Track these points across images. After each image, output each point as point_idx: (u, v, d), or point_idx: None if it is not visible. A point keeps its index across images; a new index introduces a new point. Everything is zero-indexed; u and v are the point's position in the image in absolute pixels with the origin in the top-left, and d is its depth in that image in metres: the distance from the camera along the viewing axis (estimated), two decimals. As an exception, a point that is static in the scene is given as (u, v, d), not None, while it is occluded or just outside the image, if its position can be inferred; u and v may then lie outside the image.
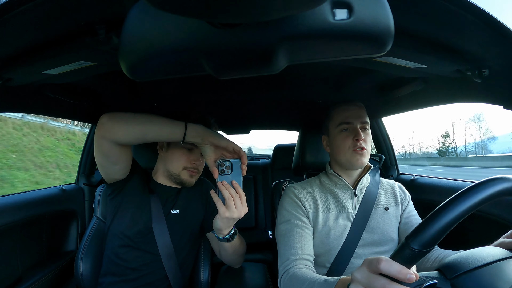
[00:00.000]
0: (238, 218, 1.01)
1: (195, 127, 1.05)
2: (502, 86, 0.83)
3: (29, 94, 1.06)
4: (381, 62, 0.84)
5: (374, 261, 0.55)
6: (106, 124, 1.04)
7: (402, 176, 1.85)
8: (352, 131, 1.13)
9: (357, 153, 1.11)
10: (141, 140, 1.07)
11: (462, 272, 0.57)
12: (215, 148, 1.04)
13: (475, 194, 0.55)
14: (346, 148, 1.13)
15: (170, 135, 1.05)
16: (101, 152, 1.11)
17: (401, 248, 0.55)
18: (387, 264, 0.53)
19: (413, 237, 0.54)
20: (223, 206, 0.98)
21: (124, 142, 1.07)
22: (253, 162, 2.99)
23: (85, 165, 1.89)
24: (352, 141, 1.12)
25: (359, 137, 1.10)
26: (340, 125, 1.15)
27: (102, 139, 1.06)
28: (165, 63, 0.50)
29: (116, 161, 1.15)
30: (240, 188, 0.99)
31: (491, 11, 0.57)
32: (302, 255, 1.02)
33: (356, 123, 1.13)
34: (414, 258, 0.53)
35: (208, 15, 0.37)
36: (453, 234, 0.58)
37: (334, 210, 1.15)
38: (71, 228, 1.68)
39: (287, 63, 0.51)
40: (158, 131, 1.05)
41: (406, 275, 0.51)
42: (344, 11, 0.43)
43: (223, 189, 0.97)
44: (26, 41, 0.68)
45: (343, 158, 1.14)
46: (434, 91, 1.13)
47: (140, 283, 1.17)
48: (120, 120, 1.04)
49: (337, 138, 1.16)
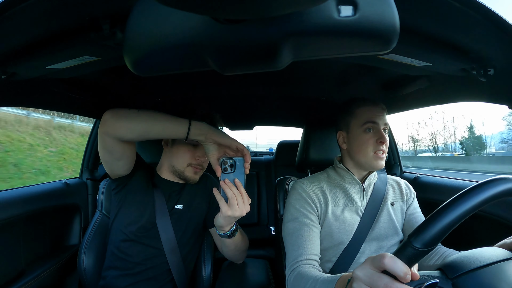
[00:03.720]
0: (239, 217, 1.00)
1: (198, 125, 1.04)
2: (507, 85, 0.82)
3: (34, 88, 1.06)
4: (386, 59, 0.84)
5: (378, 258, 0.55)
6: (109, 121, 1.04)
7: (406, 175, 1.84)
8: (376, 132, 1.11)
9: (378, 156, 1.11)
10: (144, 137, 1.07)
11: (464, 272, 0.58)
12: (218, 146, 1.04)
13: (477, 194, 0.55)
14: (369, 149, 1.11)
15: (174, 133, 1.05)
16: (104, 148, 1.11)
17: (403, 246, 0.55)
18: (392, 261, 0.53)
19: (416, 235, 0.54)
20: (226, 205, 0.97)
21: (127, 138, 1.07)
22: (257, 158, 3.00)
23: (89, 160, 1.89)
24: (375, 143, 1.10)
25: (384, 139, 1.09)
26: (366, 124, 1.12)
27: (105, 136, 1.06)
28: (169, 59, 0.50)
29: (120, 157, 1.15)
30: (243, 187, 0.98)
31: (498, 10, 0.57)
32: (309, 255, 1.02)
33: (381, 124, 1.12)
34: (416, 256, 0.53)
35: (213, 10, 0.37)
36: (456, 233, 0.58)
37: (343, 204, 1.15)
38: (74, 222, 1.69)
39: (291, 60, 0.51)
40: (161, 128, 1.04)
41: (406, 275, 0.51)
42: (349, 8, 0.42)
43: (225, 187, 0.97)
44: (30, 36, 0.68)
45: (363, 159, 1.13)
46: (438, 89, 1.12)
47: (143, 277, 1.18)
48: (123, 117, 1.04)
49: (360, 137, 1.13)
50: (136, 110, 1.05)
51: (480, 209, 0.55)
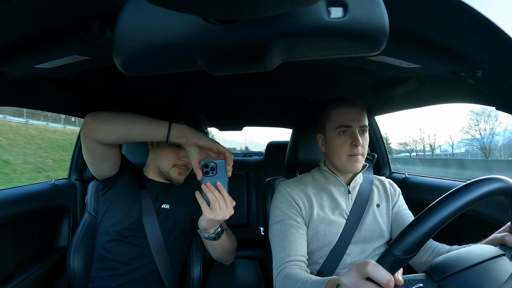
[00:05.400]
0: (222, 220, 1.00)
1: (178, 127, 1.03)
2: (495, 87, 0.84)
3: (22, 88, 1.05)
4: (375, 61, 0.84)
5: (361, 265, 0.58)
6: (90, 124, 1.04)
7: (394, 175, 1.86)
8: (351, 135, 1.10)
9: (352, 158, 1.10)
10: (125, 140, 1.08)
11: (449, 274, 0.58)
12: (200, 149, 1.03)
13: (453, 201, 0.56)
14: (342, 153, 1.11)
15: (154, 136, 1.05)
16: (87, 151, 1.11)
17: (385, 254, 0.56)
18: (374, 269, 0.55)
19: (396, 244, 0.55)
20: (208, 208, 0.97)
21: (107, 142, 1.07)
22: (246, 159, 2.99)
23: (77, 161, 1.87)
24: (349, 147, 1.10)
25: (357, 143, 1.08)
26: (339, 128, 1.11)
27: (87, 139, 1.06)
28: (159, 59, 0.50)
29: (103, 159, 1.15)
30: (225, 190, 0.98)
31: (486, 12, 0.58)
32: (296, 256, 1.02)
33: (355, 127, 1.10)
34: (398, 263, 0.55)
35: (203, 11, 0.37)
36: (445, 231, 0.58)
37: (328, 207, 1.15)
38: (63, 223, 1.66)
39: (281, 61, 0.51)
40: (141, 131, 1.04)
41: (389, 282, 0.54)
42: (339, 9, 0.43)
43: (207, 191, 0.96)
44: (18, 35, 0.67)
45: (338, 162, 1.13)
46: (427, 91, 1.13)
47: (131, 277, 1.18)
48: (103, 120, 1.04)
49: (334, 141, 1.13)
50: (117, 113, 1.05)
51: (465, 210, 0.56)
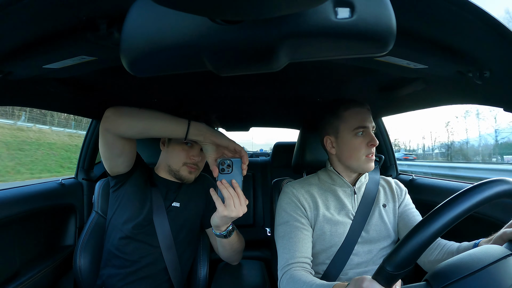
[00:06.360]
0: (236, 217, 1.01)
1: (197, 125, 1.06)
2: (503, 88, 0.83)
3: (30, 88, 1.06)
4: (382, 61, 0.84)
5: (359, 281, 0.62)
6: (111, 118, 1.06)
7: (401, 176, 1.85)
8: (367, 136, 1.12)
9: (369, 159, 1.11)
10: (144, 135, 1.10)
11: (450, 282, 0.57)
12: (217, 147, 1.05)
13: (442, 216, 0.55)
14: (361, 153, 1.11)
15: (173, 132, 1.07)
16: (105, 145, 1.13)
17: (379, 270, 0.57)
18: (370, 285, 0.58)
19: (388, 260, 0.56)
20: (222, 205, 0.98)
21: (127, 135, 1.09)
22: (253, 160, 2.99)
23: (84, 160, 1.89)
24: (366, 146, 1.11)
25: (375, 142, 1.10)
26: (357, 129, 1.12)
27: (106, 132, 1.09)
28: (166, 59, 0.50)
29: (120, 153, 1.17)
30: (239, 188, 0.99)
31: (494, 13, 0.57)
32: (300, 258, 1.02)
33: (370, 127, 1.12)
34: (393, 278, 0.56)
35: (210, 11, 0.37)
36: (447, 231, 0.57)
37: (334, 207, 1.15)
38: (70, 222, 1.68)
39: (288, 61, 0.51)
40: (162, 127, 1.07)
41: None
42: (346, 10, 0.42)
43: (222, 188, 0.98)
44: (26, 35, 0.67)
45: (355, 163, 1.13)
46: (435, 92, 1.12)
47: (139, 275, 1.19)
48: (124, 114, 1.07)
49: (351, 142, 1.13)
50: (137, 108, 1.08)
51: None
